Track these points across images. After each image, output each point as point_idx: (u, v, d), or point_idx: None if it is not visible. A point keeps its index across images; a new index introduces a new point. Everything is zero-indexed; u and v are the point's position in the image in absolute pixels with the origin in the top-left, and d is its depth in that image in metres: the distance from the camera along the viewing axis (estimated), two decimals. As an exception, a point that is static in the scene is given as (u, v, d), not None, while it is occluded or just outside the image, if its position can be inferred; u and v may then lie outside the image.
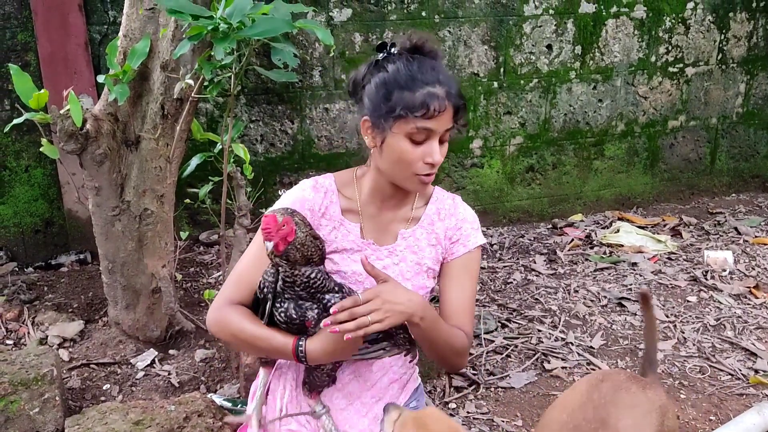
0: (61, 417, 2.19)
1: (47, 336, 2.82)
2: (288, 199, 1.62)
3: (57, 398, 2.20)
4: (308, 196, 1.62)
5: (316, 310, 1.43)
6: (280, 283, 1.43)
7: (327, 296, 1.43)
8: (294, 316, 1.42)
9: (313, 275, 1.41)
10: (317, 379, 1.55)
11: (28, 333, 2.85)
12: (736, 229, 4.18)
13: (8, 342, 2.82)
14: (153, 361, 2.70)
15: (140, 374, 2.64)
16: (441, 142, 1.53)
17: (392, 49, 1.56)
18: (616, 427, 1.54)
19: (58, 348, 2.75)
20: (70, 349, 2.76)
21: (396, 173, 1.55)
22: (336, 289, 1.45)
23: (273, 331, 1.48)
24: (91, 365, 2.68)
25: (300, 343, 1.45)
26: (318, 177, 1.67)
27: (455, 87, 1.52)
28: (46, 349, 2.39)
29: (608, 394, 1.62)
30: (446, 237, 1.65)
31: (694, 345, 2.93)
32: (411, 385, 1.76)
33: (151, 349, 2.75)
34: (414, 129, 1.48)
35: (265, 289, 1.44)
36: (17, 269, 3.48)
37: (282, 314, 1.43)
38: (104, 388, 2.56)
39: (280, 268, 1.42)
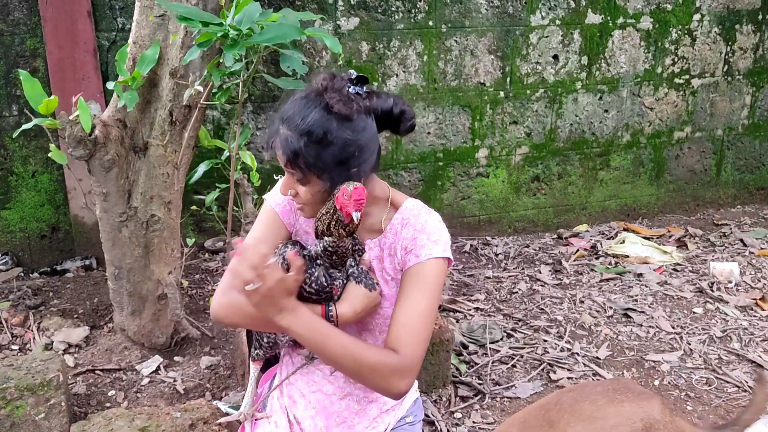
0: (67, 423, 2.19)
1: (52, 341, 2.81)
2: (282, 182, 1.64)
3: (62, 404, 2.19)
4: None
5: (341, 278, 1.50)
6: (313, 251, 1.49)
7: (347, 262, 1.52)
8: (325, 284, 1.48)
9: (350, 246, 1.49)
10: None
11: (34, 338, 2.85)
12: (741, 240, 4.18)
13: (13, 347, 2.81)
14: (158, 368, 2.70)
15: (145, 381, 2.63)
16: (298, 181, 1.47)
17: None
18: (564, 430, 1.55)
19: (64, 354, 2.75)
20: (76, 355, 2.76)
21: None
22: (350, 252, 1.53)
23: None
24: (97, 371, 2.67)
25: (330, 307, 1.50)
26: None
27: (295, 133, 1.42)
28: (52, 354, 2.38)
29: (567, 402, 1.63)
30: (402, 247, 1.55)
31: (700, 356, 2.92)
32: (409, 398, 1.74)
33: (157, 356, 2.75)
34: None
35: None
36: (23, 274, 3.48)
37: (312, 285, 1.47)
38: (109, 394, 2.55)
39: (326, 239, 1.46)
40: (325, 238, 1.46)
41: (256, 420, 1.67)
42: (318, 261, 1.49)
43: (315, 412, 1.63)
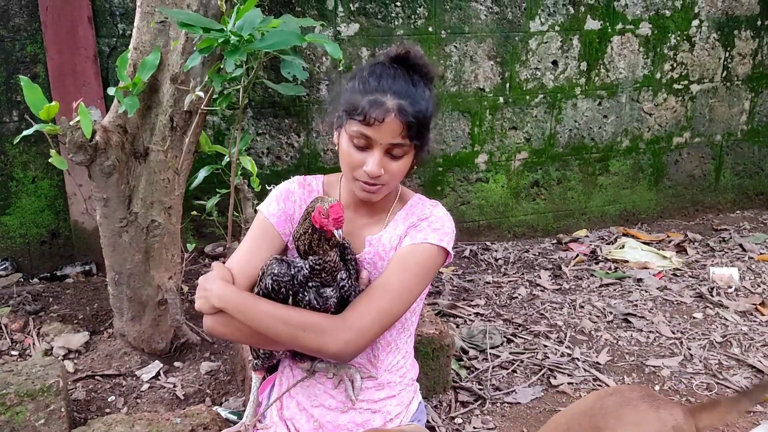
0: (67, 429, 2.19)
1: (52, 347, 2.81)
2: (277, 191, 1.64)
3: (62, 410, 2.19)
4: (293, 189, 1.64)
5: (334, 296, 1.46)
6: (301, 275, 1.45)
7: (338, 276, 1.48)
8: (318, 306, 1.45)
9: (336, 258, 1.45)
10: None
11: (33, 344, 2.85)
12: (741, 245, 4.18)
13: (13, 353, 2.81)
14: (158, 374, 2.69)
15: (145, 386, 2.63)
16: (393, 157, 1.47)
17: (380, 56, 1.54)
18: None
19: (63, 359, 2.75)
20: (75, 361, 2.76)
21: (345, 174, 1.54)
22: (341, 264, 1.49)
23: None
24: (96, 377, 2.67)
25: None
26: (307, 176, 1.67)
27: (417, 105, 1.43)
28: (51, 360, 2.38)
29: (611, 407, 1.63)
30: (402, 235, 1.56)
31: (700, 362, 2.92)
32: (413, 404, 1.75)
33: (156, 361, 2.75)
34: (354, 132, 1.45)
35: (283, 290, 1.44)
36: (23, 280, 3.47)
37: (306, 306, 1.46)
38: (109, 400, 2.55)
39: (310, 257, 1.43)
40: (309, 257, 1.43)
41: (257, 431, 1.67)
42: (309, 283, 1.45)
43: (318, 426, 1.63)
